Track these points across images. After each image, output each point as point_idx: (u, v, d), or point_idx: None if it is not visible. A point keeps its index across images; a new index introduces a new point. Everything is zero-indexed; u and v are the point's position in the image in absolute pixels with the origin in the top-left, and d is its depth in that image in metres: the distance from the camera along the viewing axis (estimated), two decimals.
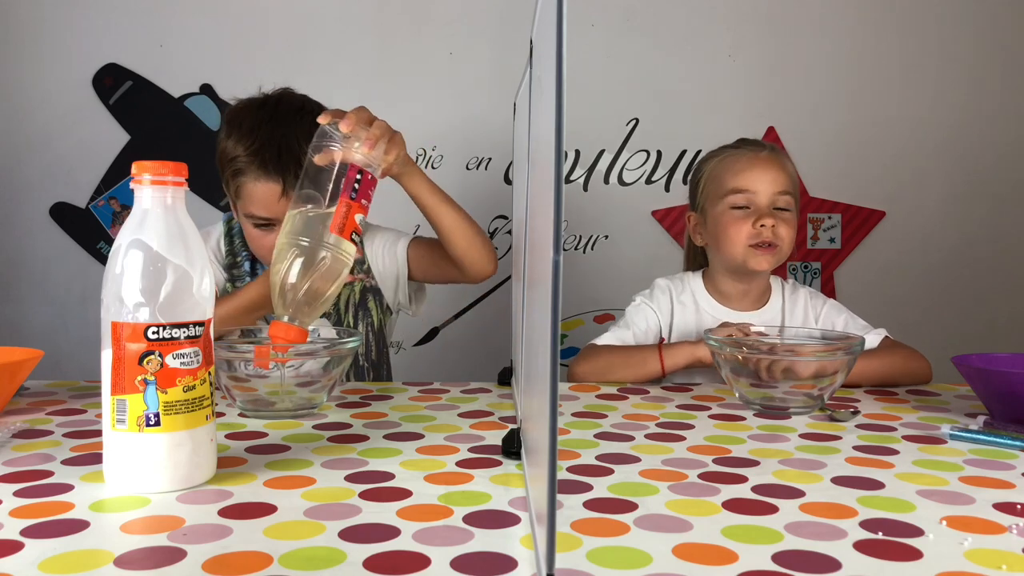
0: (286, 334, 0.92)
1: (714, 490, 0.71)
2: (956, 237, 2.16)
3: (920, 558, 0.57)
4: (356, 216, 0.96)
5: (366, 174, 0.98)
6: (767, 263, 1.32)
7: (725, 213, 1.34)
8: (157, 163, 0.71)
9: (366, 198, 0.98)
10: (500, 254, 2.14)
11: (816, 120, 2.12)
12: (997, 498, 0.70)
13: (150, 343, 0.68)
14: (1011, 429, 0.91)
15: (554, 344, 0.44)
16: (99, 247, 2.12)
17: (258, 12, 2.09)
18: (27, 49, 2.09)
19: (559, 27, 0.42)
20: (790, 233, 1.33)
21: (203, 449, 0.71)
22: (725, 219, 1.34)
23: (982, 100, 2.14)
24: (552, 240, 0.44)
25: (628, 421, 0.97)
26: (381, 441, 0.87)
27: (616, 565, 0.55)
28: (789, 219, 1.34)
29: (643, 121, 2.13)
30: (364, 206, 0.98)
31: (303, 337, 0.94)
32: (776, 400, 1.04)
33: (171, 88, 2.11)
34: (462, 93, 2.11)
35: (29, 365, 0.98)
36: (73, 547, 0.58)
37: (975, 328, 2.15)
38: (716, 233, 1.36)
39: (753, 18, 2.12)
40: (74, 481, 0.72)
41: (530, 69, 0.78)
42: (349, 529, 0.61)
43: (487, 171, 2.14)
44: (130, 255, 0.69)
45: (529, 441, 0.68)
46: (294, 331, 0.93)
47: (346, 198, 0.96)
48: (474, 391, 1.13)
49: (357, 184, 0.97)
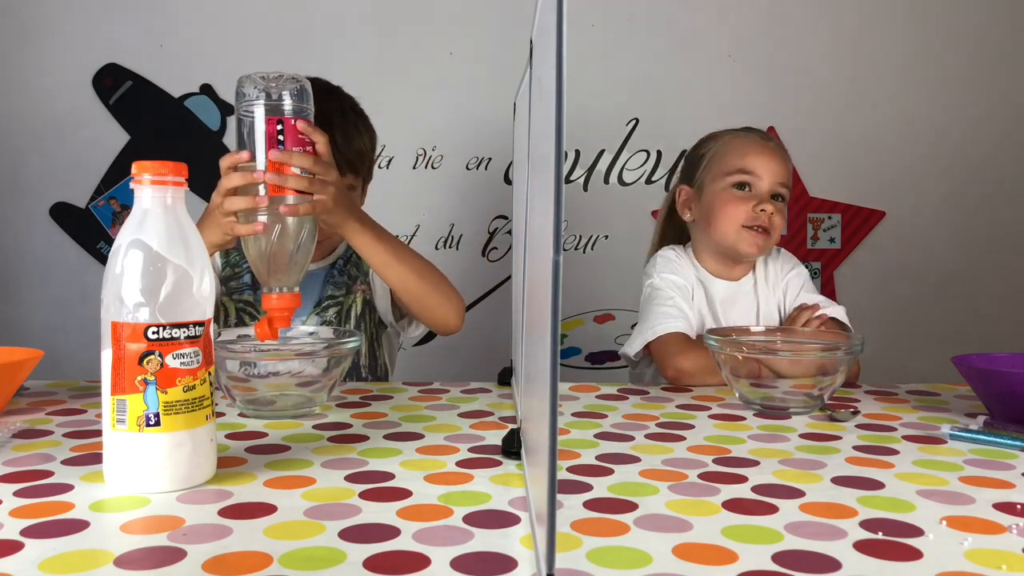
0: (280, 303, 0.93)
1: (714, 490, 0.71)
2: (956, 237, 2.16)
3: (920, 558, 0.57)
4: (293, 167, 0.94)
5: (287, 120, 0.93)
6: (757, 247, 1.34)
7: (726, 191, 1.36)
8: (157, 163, 0.71)
9: (298, 143, 0.94)
10: (500, 254, 2.15)
11: (816, 120, 2.13)
12: (997, 498, 0.70)
13: (150, 343, 0.68)
14: (1011, 429, 0.91)
15: (554, 344, 0.44)
16: (99, 247, 2.12)
17: (258, 12, 2.09)
18: (27, 49, 2.09)
19: (559, 27, 0.42)
20: (782, 224, 1.36)
21: (203, 449, 0.71)
22: (725, 196, 1.35)
23: (982, 100, 2.14)
24: (552, 240, 0.44)
25: (628, 421, 0.97)
26: (381, 441, 0.87)
27: (616, 565, 0.55)
28: (783, 210, 1.37)
29: (643, 121, 2.13)
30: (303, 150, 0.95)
31: (296, 301, 0.94)
32: (776, 400, 1.04)
33: (171, 88, 2.11)
34: (462, 93, 2.11)
35: (29, 365, 0.98)
36: (73, 547, 0.58)
37: (975, 328, 2.15)
38: (712, 209, 1.36)
39: (753, 18, 2.12)
40: (74, 481, 0.72)
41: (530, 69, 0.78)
42: (349, 529, 0.61)
43: (487, 171, 2.14)
44: (130, 255, 0.69)
45: (529, 441, 0.68)
46: (287, 298, 0.94)
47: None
48: (474, 391, 1.13)
49: (280, 135, 0.93)
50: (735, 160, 1.36)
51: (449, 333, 1.28)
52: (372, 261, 1.15)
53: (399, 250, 1.17)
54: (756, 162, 1.35)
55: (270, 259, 0.93)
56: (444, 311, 1.23)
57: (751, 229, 1.33)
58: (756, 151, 1.36)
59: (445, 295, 1.22)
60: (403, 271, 1.16)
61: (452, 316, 1.24)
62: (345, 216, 1.08)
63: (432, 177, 2.14)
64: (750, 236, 1.33)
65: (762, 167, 1.34)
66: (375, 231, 1.14)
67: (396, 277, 1.17)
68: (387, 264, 1.15)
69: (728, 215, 1.34)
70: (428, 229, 2.15)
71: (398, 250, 1.17)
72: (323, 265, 1.36)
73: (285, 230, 0.93)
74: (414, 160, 2.13)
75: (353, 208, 1.10)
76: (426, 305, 1.21)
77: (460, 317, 1.26)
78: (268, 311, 0.94)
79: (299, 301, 0.95)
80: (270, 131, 0.92)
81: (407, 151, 2.12)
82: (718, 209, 1.35)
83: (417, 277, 1.18)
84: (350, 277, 1.35)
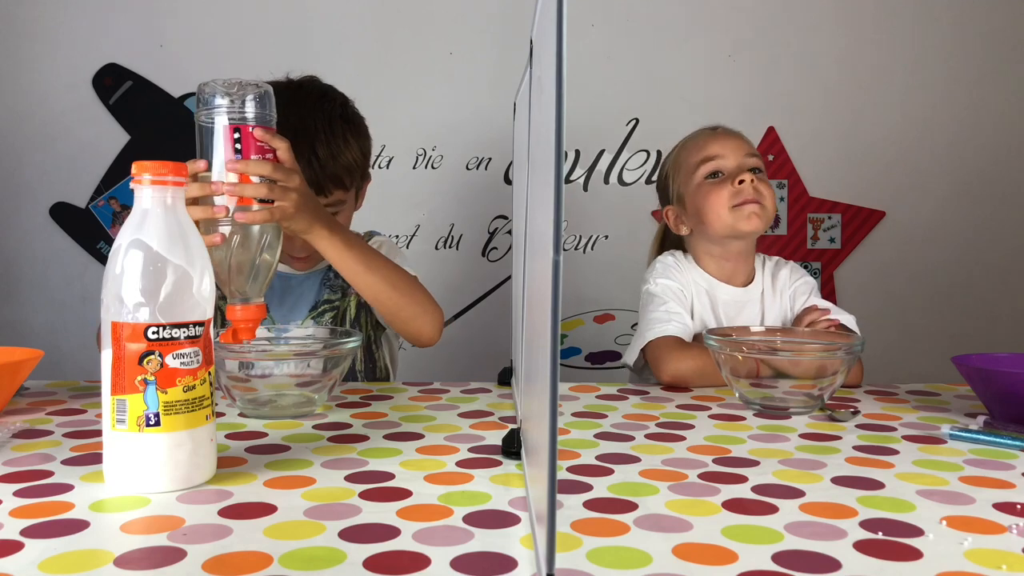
0: (244, 314, 0.90)
1: (714, 490, 0.71)
2: (956, 237, 2.16)
3: (920, 558, 0.57)
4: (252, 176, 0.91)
5: (244, 128, 0.90)
6: (756, 218, 1.32)
7: (702, 185, 1.36)
8: (157, 163, 0.71)
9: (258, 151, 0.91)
10: (500, 254, 2.15)
11: (816, 120, 2.13)
12: (997, 498, 0.70)
13: (150, 343, 0.68)
14: (1011, 429, 0.91)
15: (554, 344, 0.44)
16: (99, 247, 2.12)
17: (258, 12, 2.09)
18: (27, 49, 2.09)
19: (559, 27, 0.42)
20: (770, 191, 1.35)
21: (203, 449, 0.71)
22: (703, 190, 1.35)
23: (981, 100, 2.14)
24: (552, 240, 0.44)
25: (628, 421, 0.97)
26: (381, 441, 0.87)
27: (616, 565, 0.55)
28: (764, 179, 1.36)
29: (643, 121, 2.14)
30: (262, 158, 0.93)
31: (261, 312, 0.91)
32: (776, 400, 1.04)
33: (171, 88, 2.11)
34: (462, 93, 2.11)
35: (29, 365, 0.98)
36: (73, 547, 0.58)
37: (975, 328, 2.15)
38: (699, 208, 1.36)
39: (753, 18, 2.12)
40: (74, 481, 0.72)
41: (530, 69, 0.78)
42: (349, 529, 0.61)
43: (487, 171, 2.14)
44: (130, 255, 0.69)
45: (529, 441, 0.68)
46: (251, 309, 0.90)
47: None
48: (474, 391, 1.13)
49: (238, 143, 0.90)
50: (695, 154, 1.38)
51: (424, 346, 1.23)
52: (342, 268, 1.12)
53: (370, 258, 1.13)
54: (715, 146, 1.37)
55: (231, 269, 0.90)
56: (418, 323, 1.19)
57: (741, 206, 1.32)
58: (710, 139, 1.38)
59: (420, 306, 1.19)
60: (373, 280, 1.13)
61: (427, 328, 1.20)
62: (311, 222, 1.04)
63: (432, 177, 2.14)
64: (744, 212, 1.32)
65: (722, 147, 1.36)
66: (344, 238, 1.10)
67: (366, 285, 1.14)
68: (357, 272, 1.12)
69: (713, 204, 1.33)
70: (428, 229, 2.15)
71: (369, 258, 1.13)
72: (318, 268, 1.36)
73: (246, 239, 0.90)
74: (414, 160, 2.13)
75: (320, 214, 1.06)
76: (398, 316, 1.18)
77: (436, 330, 1.22)
78: (232, 322, 0.91)
79: (264, 312, 0.91)
80: (227, 139, 0.90)
81: (407, 151, 2.12)
82: (703, 204, 1.35)
83: (389, 287, 1.15)
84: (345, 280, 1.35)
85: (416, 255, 2.06)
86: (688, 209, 1.39)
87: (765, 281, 1.41)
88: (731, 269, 1.39)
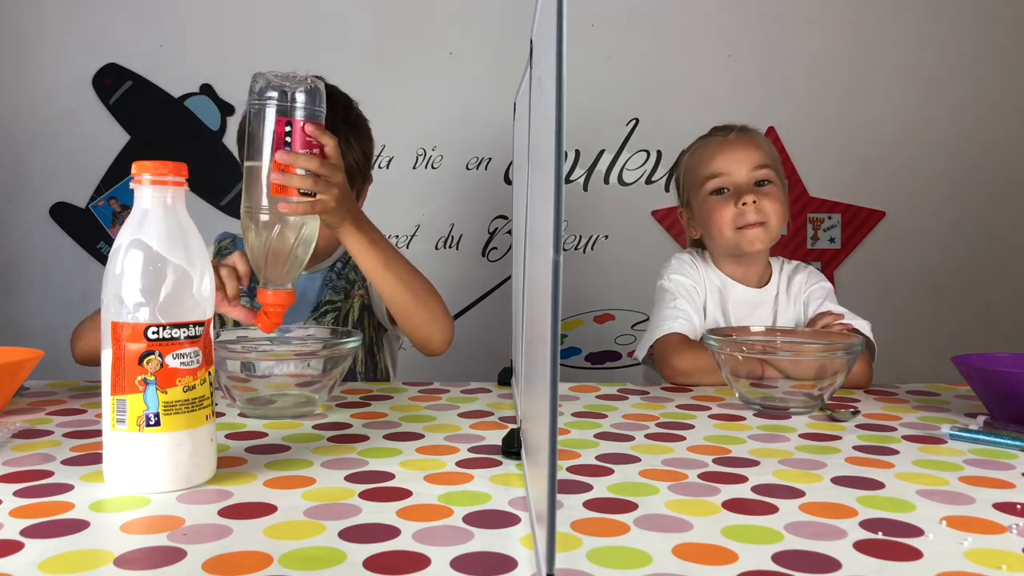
0: (275, 299, 0.96)
1: (714, 490, 0.71)
2: (956, 237, 2.16)
3: (920, 558, 0.57)
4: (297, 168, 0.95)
5: (296, 121, 0.93)
6: (759, 242, 1.33)
7: (707, 200, 1.36)
8: (157, 163, 0.71)
9: (306, 146, 0.95)
10: (500, 254, 2.15)
11: (816, 120, 2.13)
12: (997, 498, 0.70)
13: (150, 343, 0.68)
14: (1011, 429, 0.91)
15: (554, 344, 0.44)
16: (99, 247, 2.12)
17: (258, 12, 2.09)
18: (27, 49, 2.09)
19: (559, 27, 0.42)
20: (776, 207, 1.33)
21: (203, 449, 0.71)
22: (708, 206, 1.36)
23: (982, 100, 2.14)
24: (552, 240, 0.44)
25: (628, 421, 0.97)
26: (381, 441, 0.87)
27: (616, 565, 0.55)
28: (772, 192, 1.34)
29: (643, 121, 2.14)
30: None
31: (291, 298, 0.97)
32: (776, 400, 1.04)
33: (171, 88, 2.11)
34: (462, 93, 2.11)
35: (29, 365, 0.98)
36: (73, 547, 0.58)
37: (975, 328, 2.15)
38: (704, 222, 1.37)
39: (753, 18, 2.12)
40: (74, 481, 0.72)
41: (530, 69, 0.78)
42: (349, 529, 0.61)
43: (487, 171, 2.14)
44: (130, 255, 0.69)
45: (529, 441, 0.68)
46: (282, 295, 0.96)
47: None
48: (474, 391, 1.13)
49: (288, 136, 0.94)
50: (703, 168, 1.37)
51: (432, 354, 1.24)
52: (363, 265, 1.13)
53: (392, 258, 1.15)
54: (721, 162, 1.35)
55: (269, 255, 0.95)
56: (429, 329, 1.20)
57: (743, 230, 1.32)
58: (718, 150, 1.36)
59: (433, 314, 1.19)
60: (392, 279, 1.14)
61: (436, 337, 1.21)
62: (343, 217, 1.07)
63: (432, 177, 2.14)
64: (746, 234, 1.32)
65: (729, 163, 1.34)
66: (371, 235, 1.12)
67: (385, 284, 1.15)
68: (376, 269, 1.13)
69: (717, 223, 1.34)
70: (428, 229, 2.15)
71: (390, 258, 1.15)
72: (320, 268, 1.36)
73: (285, 228, 0.95)
74: (414, 160, 2.13)
75: (353, 210, 1.10)
76: (411, 319, 1.19)
77: (445, 340, 1.22)
78: (263, 305, 0.96)
79: (293, 299, 0.97)
80: (278, 132, 0.93)
81: (407, 151, 2.12)
82: (707, 221, 1.36)
83: (406, 288, 1.16)
84: (348, 281, 1.35)
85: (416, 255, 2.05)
86: (696, 218, 1.40)
87: (781, 284, 1.40)
88: (745, 270, 1.39)
